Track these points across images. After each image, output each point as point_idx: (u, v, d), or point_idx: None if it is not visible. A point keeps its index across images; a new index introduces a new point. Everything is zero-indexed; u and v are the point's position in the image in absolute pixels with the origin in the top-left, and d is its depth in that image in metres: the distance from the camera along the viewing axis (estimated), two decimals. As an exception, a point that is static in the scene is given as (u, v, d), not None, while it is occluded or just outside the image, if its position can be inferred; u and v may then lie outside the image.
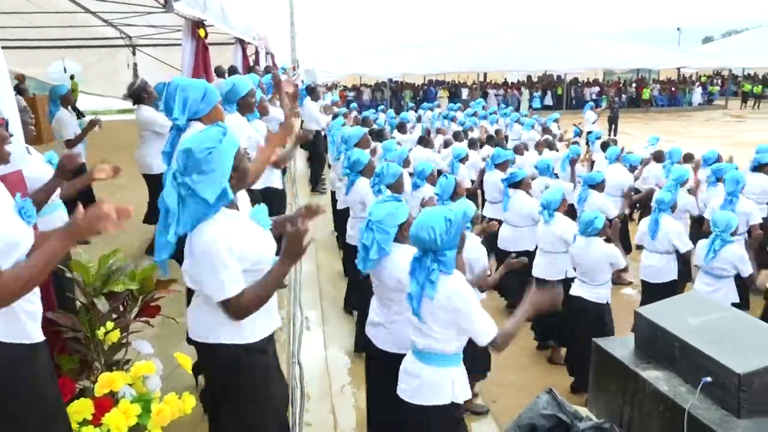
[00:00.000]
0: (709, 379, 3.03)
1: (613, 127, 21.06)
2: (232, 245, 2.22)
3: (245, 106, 4.24)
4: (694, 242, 5.33)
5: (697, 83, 34.21)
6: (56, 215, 3.34)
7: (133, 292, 2.82)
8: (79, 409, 2.37)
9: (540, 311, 2.91)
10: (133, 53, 10.22)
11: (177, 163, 2.25)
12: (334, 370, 4.66)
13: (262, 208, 2.52)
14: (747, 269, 4.83)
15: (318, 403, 4.13)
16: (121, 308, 2.83)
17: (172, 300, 3.10)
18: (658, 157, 8.48)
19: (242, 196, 2.53)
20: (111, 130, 9.25)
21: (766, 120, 25.59)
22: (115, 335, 2.69)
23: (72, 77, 14.13)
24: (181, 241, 2.34)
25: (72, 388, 2.50)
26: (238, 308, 2.24)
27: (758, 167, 6.94)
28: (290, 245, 2.31)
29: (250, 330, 2.36)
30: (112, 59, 10.75)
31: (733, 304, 4.49)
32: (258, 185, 4.22)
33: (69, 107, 6.60)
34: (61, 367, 2.56)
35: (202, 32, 5.86)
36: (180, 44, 5.88)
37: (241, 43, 9.01)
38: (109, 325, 2.66)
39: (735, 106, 31.92)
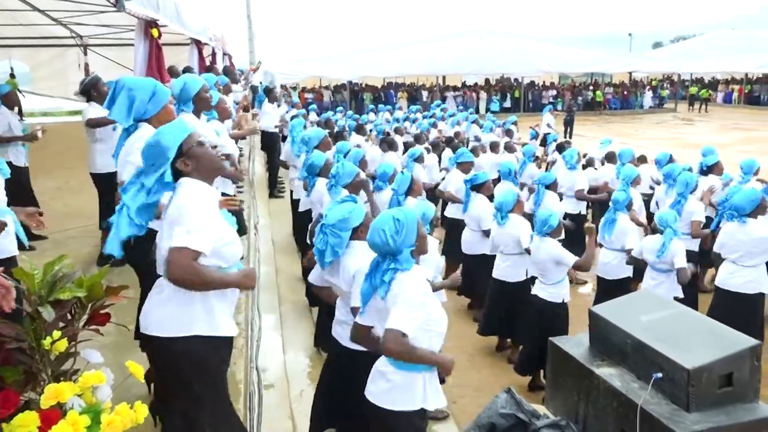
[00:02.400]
0: (660, 374, 3.11)
1: (568, 129, 21.51)
2: (211, 205, 2.34)
3: (200, 103, 4.15)
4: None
5: (648, 87, 35.34)
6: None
7: (81, 300, 2.72)
8: (24, 423, 2.27)
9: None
10: (85, 53, 9.95)
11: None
12: (293, 375, 4.61)
13: (230, 216, 2.57)
14: (681, 262, 4.94)
15: (277, 409, 4.08)
16: (69, 316, 2.72)
17: (123, 307, 3.00)
18: (611, 158, 8.71)
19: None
20: (60, 133, 8.98)
21: (712, 123, 26.62)
22: (62, 345, 2.58)
23: (12, 76, 13.57)
24: (136, 244, 2.34)
25: (16, 400, 2.39)
26: (183, 261, 2.20)
27: (706, 170, 7.19)
28: (249, 277, 2.44)
29: (222, 323, 2.39)
30: (62, 59, 10.43)
31: (676, 299, 4.63)
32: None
33: (15, 108, 6.30)
34: (4, 379, 2.44)
35: (155, 32, 5.72)
36: (133, 44, 5.74)
37: (197, 43, 8.84)
38: (56, 334, 2.55)
39: (684, 109, 33.08)
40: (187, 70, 7.72)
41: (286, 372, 4.64)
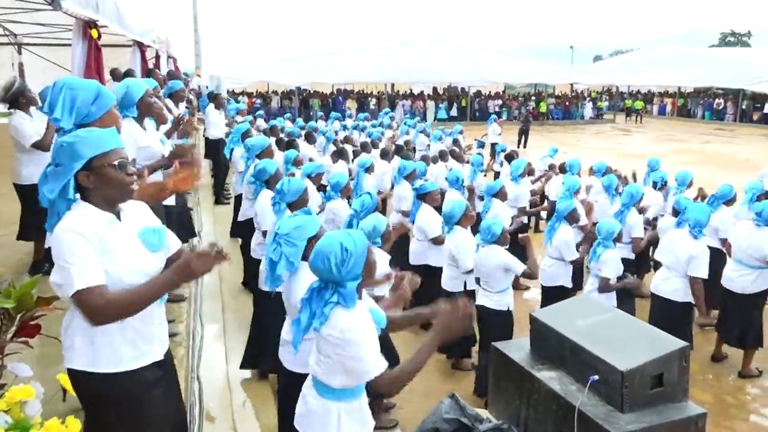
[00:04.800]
0: (596, 377, 3.21)
1: (523, 139, 21.95)
2: (88, 237, 2.04)
3: (145, 107, 3.97)
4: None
5: (588, 98, 36.59)
6: None
7: (9, 311, 2.61)
8: (-56, 441, 2.16)
9: (448, 337, 2.57)
10: (19, 52, 9.56)
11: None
12: (236, 386, 4.52)
13: (158, 231, 2.31)
14: (606, 273, 5.15)
15: (218, 421, 3.99)
16: (-4, 328, 2.61)
17: (56, 317, 2.88)
18: (561, 168, 8.94)
19: (140, 211, 2.35)
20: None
21: (648, 134, 27.81)
22: (-13, 358, 2.47)
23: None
24: None
25: (-64, 418, 2.27)
26: (95, 304, 1.99)
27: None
28: (193, 265, 2.10)
29: (107, 357, 2.15)
30: (-6, 58, 9.97)
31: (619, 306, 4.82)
32: (167, 201, 4.02)
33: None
34: (-77, 395, 2.31)
35: (94, 33, 5.55)
36: (71, 44, 5.54)
37: (140, 45, 8.63)
38: (-19, 346, 2.44)
39: (621, 120, 34.42)
40: (128, 73, 7.51)
41: (229, 382, 4.55)
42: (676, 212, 5.90)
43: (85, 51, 5.49)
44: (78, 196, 2.14)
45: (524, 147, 21.06)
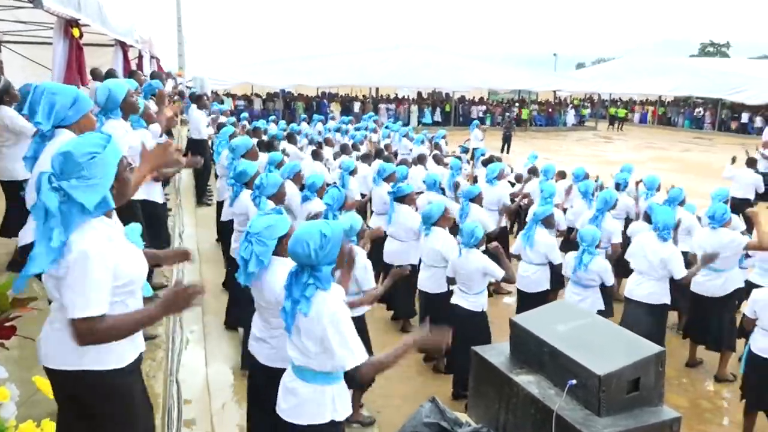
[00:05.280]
0: (574, 381, 3.24)
1: (506, 145, 22.09)
2: (107, 257, 2.09)
3: (128, 107, 4.13)
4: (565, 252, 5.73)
5: (571, 105, 36.96)
6: None
7: (-16, 312, 2.57)
8: None
9: (424, 349, 2.88)
10: (-2, 50, 9.40)
11: (52, 167, 2.11)
12: (216, 388, 4.49)
13: (136, 227, 2.45)
14: (609, 279, 5.29)
15: (197, 423, 3.96)
16: (-30, 329, 2.56)
17: (32, 319, 2.85)
18: (533, 171, 9.05)
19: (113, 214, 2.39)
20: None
21: (629, 141, 28.16)
22: (-39, 359, 2.43)
23: None
24: None
25: None
26: (89, 332, 2.05)
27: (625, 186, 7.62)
28: (174, 302, 2.21)
29: (117, 355, 2.23)
30: (-27, 55, 9.80)
31: (599, 312, 4.87)
32: (137, 196, 4.02)
33: None
34: None
35: (76, 32, 5.51)
36: (52, 43, 5.49)
37: (122, 45, 8.55)
38: (-46, 348, 2.40)
39: (603, 128, 34.81)
40: (110, 73, 7.45)
41: (208, 385, 4.52)
42: (648, 217, 6.02)
43: (66, 50, 5.45)
44: None
45: (507, 152, 21.23)
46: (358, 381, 2.66)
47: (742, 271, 6.03)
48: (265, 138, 10.23)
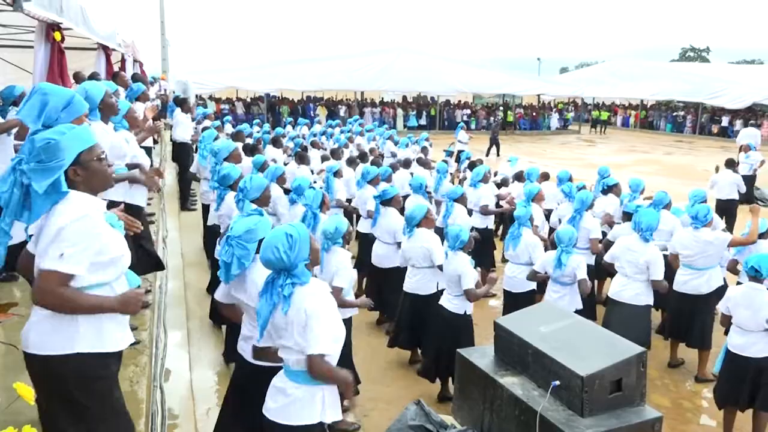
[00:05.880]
0: (557, 382, 3.28)
1: (494, 148, 22.20)
2: (98, 224, 2.23)
3: (107, 108, 4.07)
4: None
5: (555, 109, 37.27)
6: None
7: (-36, 318, 2.54)
8: None
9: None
10: (-23, 53, 9.26)
11: (22, 152, 2.25)
12: (200, 393, 4.47)
13: (113, 215, 2.51)
14: (582, 274, 5.30)
15: (182, 428, 3.94)
16: (-51, 336, 2.53)
17: (13, 325, 2.82)
18: (519, 176, 9.11)
19: None
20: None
21: (612, 144, 28.44)
22: (-60, 366, 2.40)
23: None
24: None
25: None
26: (50, 286, 2.12)
27: (606, 190, 7.69)
28: (128, 302, 2.32)
29: (109, 337, 2.32)
30: (-49, 58, 9.65)
31: (577, 311, 4.92)
32: (118, 197, 3.99)
33: None
34: None
35: (57, 35, 5.44)
36: (33, 46, 5.42)
37: (105, 49, 8.48)
38: (-67, 355, 2.37)
39: (586, 131, 35.13)
40: (93, 76, 7.40)
41: (193, 390, 4.49)
42: (628, 216, 6.13)
43: (48, 54, 5.38)
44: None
45: (497, 156, 21.40)
46: (312, 369, 2.63)
47: (722, 269, 6.14)
48: (250, 141, 10.20)
